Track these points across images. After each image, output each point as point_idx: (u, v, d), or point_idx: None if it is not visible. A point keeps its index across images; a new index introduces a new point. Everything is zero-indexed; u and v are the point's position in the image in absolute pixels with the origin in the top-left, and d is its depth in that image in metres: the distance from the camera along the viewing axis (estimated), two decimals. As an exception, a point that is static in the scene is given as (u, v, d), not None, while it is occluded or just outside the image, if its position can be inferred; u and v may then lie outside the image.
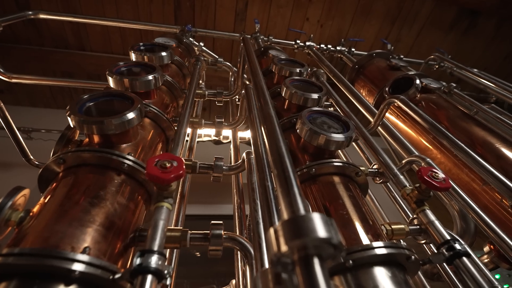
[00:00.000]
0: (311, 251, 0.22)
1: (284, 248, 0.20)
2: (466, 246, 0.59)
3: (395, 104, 0.80)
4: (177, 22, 2.43)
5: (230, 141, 1.00)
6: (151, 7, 2.33)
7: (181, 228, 0.48)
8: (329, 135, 0.57)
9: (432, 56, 1.44)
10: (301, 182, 0.57)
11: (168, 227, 0.48)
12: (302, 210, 0.25)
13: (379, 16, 2.49)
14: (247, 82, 0.90)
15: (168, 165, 0.39)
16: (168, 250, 0.59)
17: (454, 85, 1.12)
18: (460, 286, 0.52)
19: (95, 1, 2.23)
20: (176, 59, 0.97)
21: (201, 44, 1.53)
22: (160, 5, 2.33)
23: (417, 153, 0.76)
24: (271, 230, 0.22)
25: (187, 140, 0.83)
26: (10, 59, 2.32)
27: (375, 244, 0.42)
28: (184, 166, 0.40)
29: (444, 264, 0.44)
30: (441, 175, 0.48)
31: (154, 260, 0.34)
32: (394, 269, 0.41)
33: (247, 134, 1.54)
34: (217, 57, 1.30)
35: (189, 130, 0.91)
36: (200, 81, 1.21)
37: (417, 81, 1.02)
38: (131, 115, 0.53)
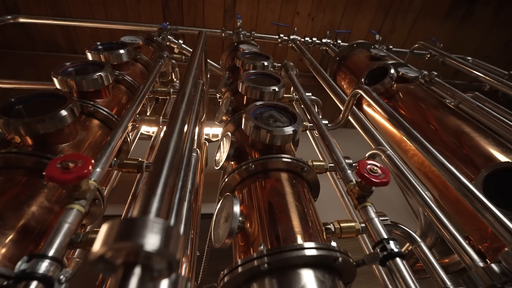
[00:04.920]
0: (140, 259, 0.19)
1: (94, 255, 0.18)
2: (424, 245, 0.55)
3: (361, 95, 0.76)
4: (166, 21, 2.41)
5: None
6: (139, 8, 2.32)
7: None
8: (270, 129, 0.54)
9: (417, 45, 1.38)
10: (244, 179, 0.55)
11: (95, 229, 0.46)
12: (153, 213, 0.22)
13: (371, 7, 2.42)
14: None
15: (71, 165, 0.37)
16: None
17: (435, 73, 1.07)
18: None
19: (83, 4, 2.23)
20: (141, 57, 0.95)
21: (181, 41, 1.52)
22: (148, 5, 2.31)
23: (386, 145, 0.72)
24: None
25: (136, 138, 0.81)
26: (4, 65, 2.36)
27: (305, 244, 0.39)
28: (90, 167, 0.37)
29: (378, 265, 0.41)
30: (380, 169, 0.44)
31: (44, 265, 0.32)
32: (319, 272, 0.38)
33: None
34: (193, 54, 1.28)
35: (154, 129, 0.89)
36: (174, 79, 1.19)
37: (392, 71, 0.97)
38: (62, 113, 0.51)
